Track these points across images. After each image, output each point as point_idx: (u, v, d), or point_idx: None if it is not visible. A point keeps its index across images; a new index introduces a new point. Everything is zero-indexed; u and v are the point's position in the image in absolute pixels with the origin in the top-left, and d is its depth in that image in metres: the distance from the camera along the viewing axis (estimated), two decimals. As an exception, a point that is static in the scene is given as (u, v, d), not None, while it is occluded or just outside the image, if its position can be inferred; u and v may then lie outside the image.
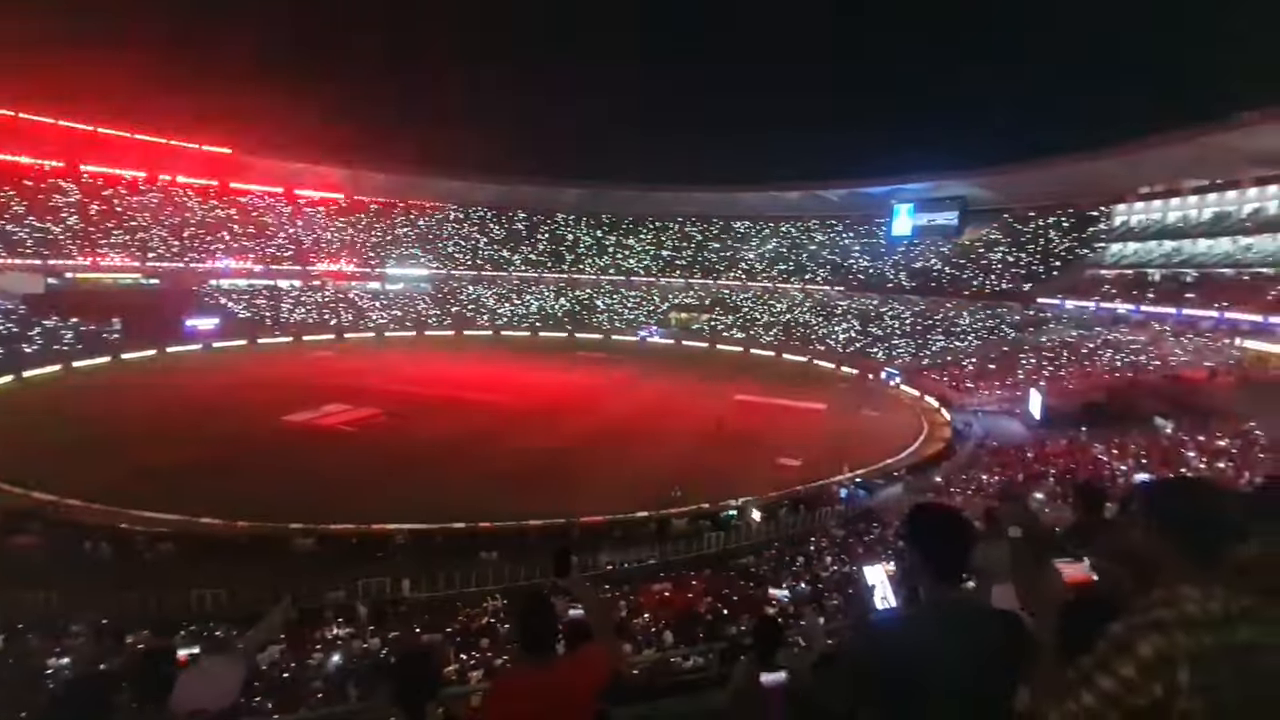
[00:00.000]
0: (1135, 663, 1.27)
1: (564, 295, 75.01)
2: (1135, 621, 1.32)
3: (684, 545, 19.97)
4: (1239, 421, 26.25)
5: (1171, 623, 1.27)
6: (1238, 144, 41.07)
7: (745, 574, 17.85)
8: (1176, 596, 1.31)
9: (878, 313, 61.28)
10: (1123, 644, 1.30)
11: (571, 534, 19.52)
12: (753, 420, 33.81)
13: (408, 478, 23.17)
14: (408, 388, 37.66)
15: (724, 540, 20.46)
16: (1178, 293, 42.85)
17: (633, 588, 16.88)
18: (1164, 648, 1.25)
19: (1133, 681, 1.28)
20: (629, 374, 46.45)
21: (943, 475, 26.74)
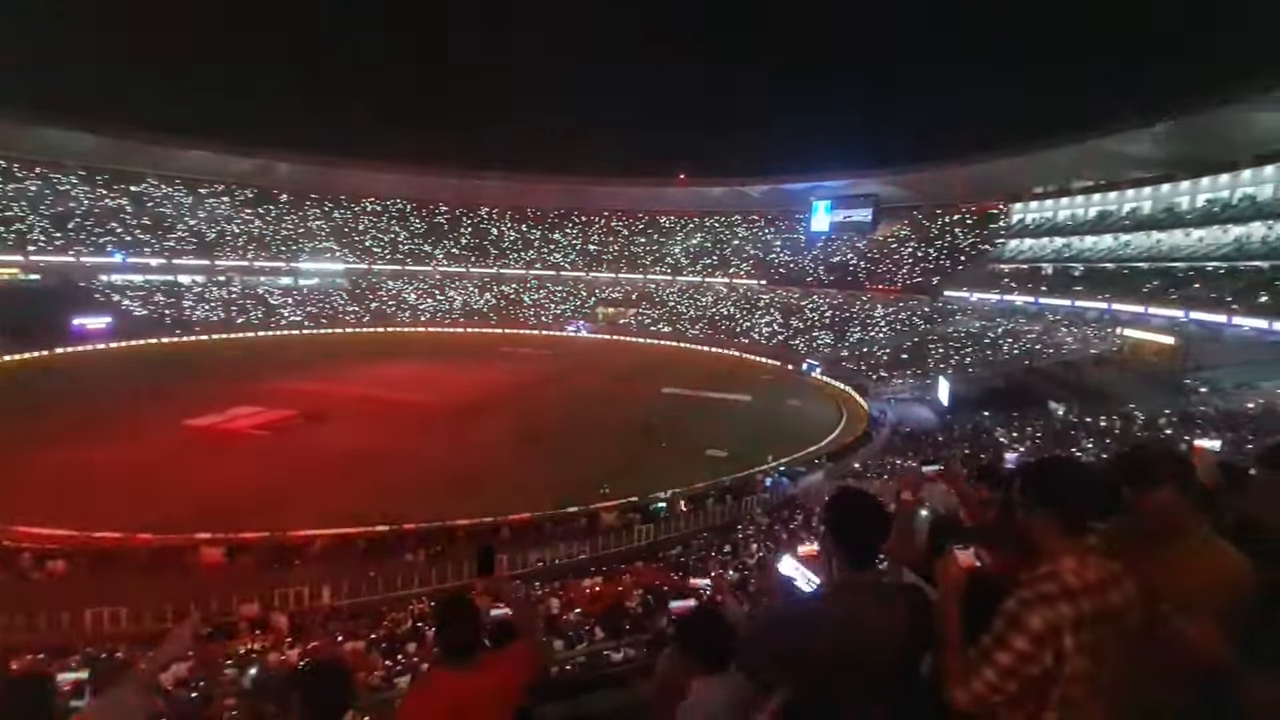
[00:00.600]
0: (1027, 636, 1.40)
1: (489, 291, 73.68)
2: (1024, 596, 1.45)
3: (614, 539, 20.09)
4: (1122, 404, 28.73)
5: (1055, 595, 1.40)
6: (1117, 148, 44.72)
7: (675, 565, 18.15)
8: (1057, 569, 1.45)
9: (798, 306, 63.28)
10: (1014, 619, 1.43)
11: (500, 533, 19.28)
12: (680, 412, 34.27)
13: (326, 481, 22.23)
14: (324, 387, 36.10)
15: (654, 532, 20.70)
16: (1068, 285, 46.30)
17: (563, 584, 16.87)
18: (1050, 618, 1.39)
19: (1026, 653, 1.41)
20: (556, 369, 46.15)
21: (861, 461, 28.01)
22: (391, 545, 18.21)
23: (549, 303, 72.94)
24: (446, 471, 23.38)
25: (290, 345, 53.46)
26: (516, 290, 74.49)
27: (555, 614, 13.55)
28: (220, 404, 31.42)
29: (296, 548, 17.82)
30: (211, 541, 17.41)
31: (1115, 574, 1.48)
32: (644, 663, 5.32)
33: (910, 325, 53.55)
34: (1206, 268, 38.71)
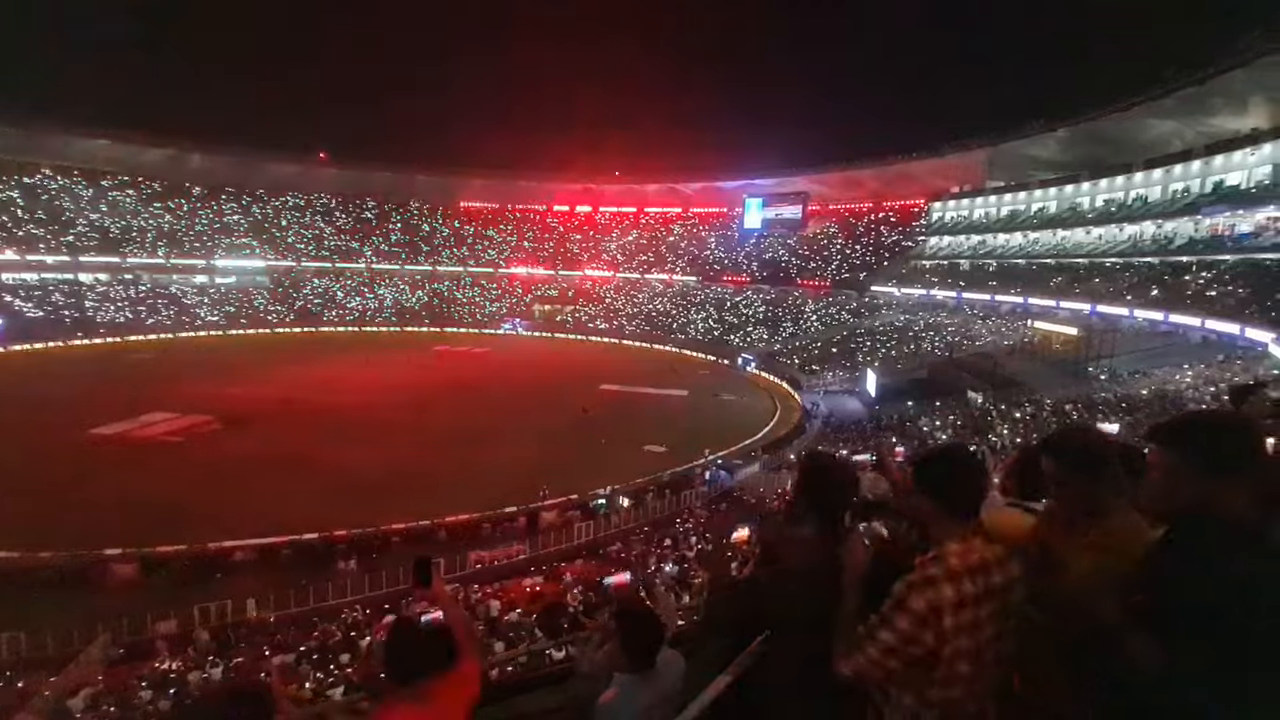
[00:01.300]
0: (909, 616, 1.50)
1: (421, 288, 71.83)
2: (911, 579, 1.55)
3: (554, 537, 20.03)
4: (1033, 392, 30.60)
5: (940, 577, 1.50)
6: (1027, 151, 47.48)
7: (616, 561, 18.26)
8: (943, 553, 1.55)
9: (733, 302, 64.42)
10: (899, 600, 1.53)
11: (437, 535, 18.93)
12: (618, 409, 34.38)
13: (248, 489, 21.21)
14: (244, 390, 34.42)
15: (593, 529, 20.75)
16: (984, 280, 48.87)
17: (504, 584, 16.72)
18: (933, 599, 1.48)
19: (907, 633, 1.51)
20: (492, 368, 45.49)
21: (795, 452, 28.82)
22: (321, 553, 17.61)
23: (484, 300, 71.73)
24: (378, 475, 22.74)
25: (207, 347, 50.70)
26: (450, 288, 72.90)
27: (495, 615, 13.44)
28: (130, 410, 29.51)
29: (217, 560, 16.98)
30: (123, 557, 16.39)
31: (999, 556, 1.58)
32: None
33: (839, 320, 55.36)
34: (1105, 263, 41.59)
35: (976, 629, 1.53)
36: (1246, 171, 35.83)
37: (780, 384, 43.65)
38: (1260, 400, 5.01)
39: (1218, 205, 35.68)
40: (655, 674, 2.45)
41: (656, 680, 2.44)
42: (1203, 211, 36.33)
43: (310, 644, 12.50)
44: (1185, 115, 37.21)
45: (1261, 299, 28.09)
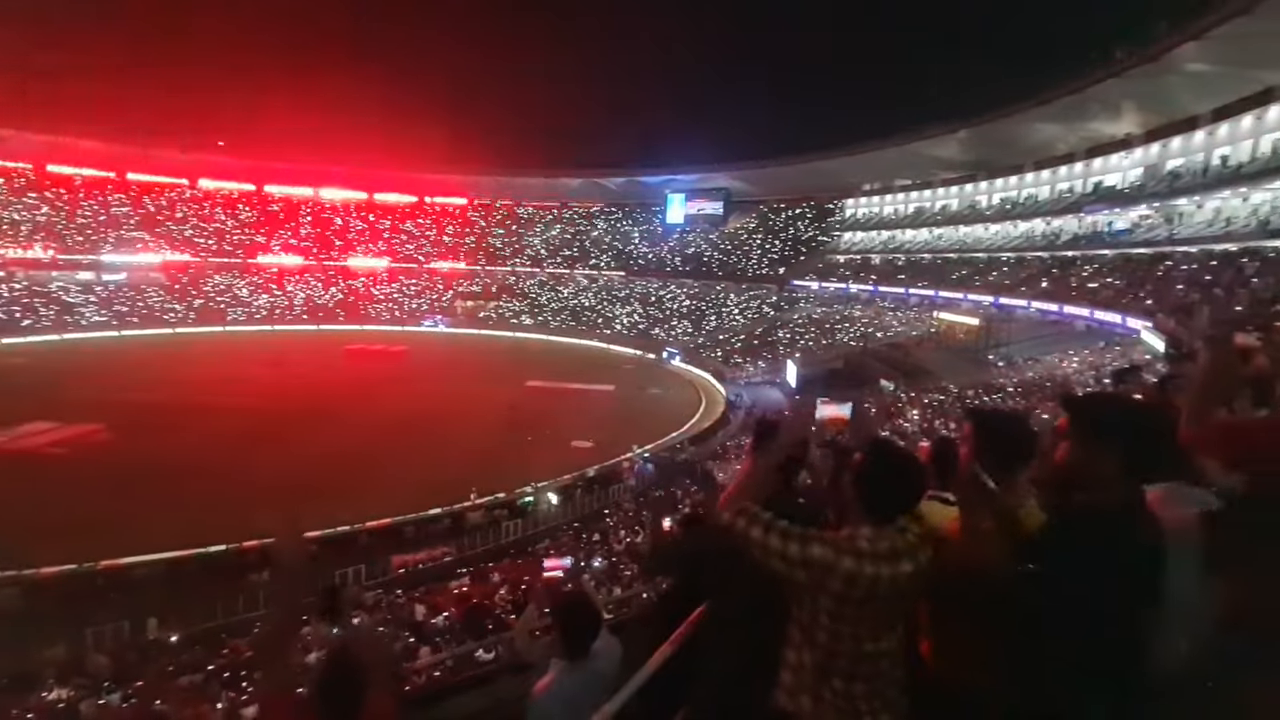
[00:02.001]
0: (809, 559, 1.63)
1: (335, 285, 68.75)
2: (826, 536, 1.70)
3: (481, 537, 19.72)
4: (939, 379, 32.47)
5: (845, 549, 1.64)
6: (931, 151, 50.11)
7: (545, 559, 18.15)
8: (856, 534, 1.69)
9: (657, 296, 65.02)
10: (808, 535, 1.67)
11: (357, 541, 18.25)
12: (545, 405, 34.11)
13: (146, 501, 19.68)
14: (139, 395, 32.00)
15: (522, 527, 20.56)
16: (893, 274, 51.33)
17: (429, 588, 16.35)
18: (829, 558, 1.62)
19: (788, 555, 1.65)
20: (414, 366, 44.16)
21: (720, 443, 29.48)
22: (230, 566, 16.62)
23: (403, 297, 69.42)
24: (292, 481, 21.59)
25: (95, 350, 46.71)
26: (366, 284, 70.11)
27: (420, 620, 13.14)
28: (6, 420, 26.83)
29: (113, 579, 15.78)
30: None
31: (910, 545, 1.68)
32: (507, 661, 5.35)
33: (760, 313, 56.86)
34: (1002, 258, 44.52)
35: (843, 599, 1.64)
36: (1122, 173, 39.19)
37: (705, 377, 44.46)
38: (1138, 381, 5.58)
39: (1097, 204, 38.84)
40: (592, 660, 2.49)
41: (593, 666, 2.48)
42: (1085, 210, 39.45)
43: (220, 662, 11.83)
44: (1068, 121, 40.23)
45: (1135, 289, 30.79)
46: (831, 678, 1.69)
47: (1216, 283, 25.84)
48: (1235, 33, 26.55)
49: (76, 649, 12.72)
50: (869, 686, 1.70)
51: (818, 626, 1.69)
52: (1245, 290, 23.54)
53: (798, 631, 1.75)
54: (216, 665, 11.51)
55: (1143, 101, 35.62)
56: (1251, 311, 20.04)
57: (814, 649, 1.71)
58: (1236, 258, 26.98)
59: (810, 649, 1.72)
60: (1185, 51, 29.67)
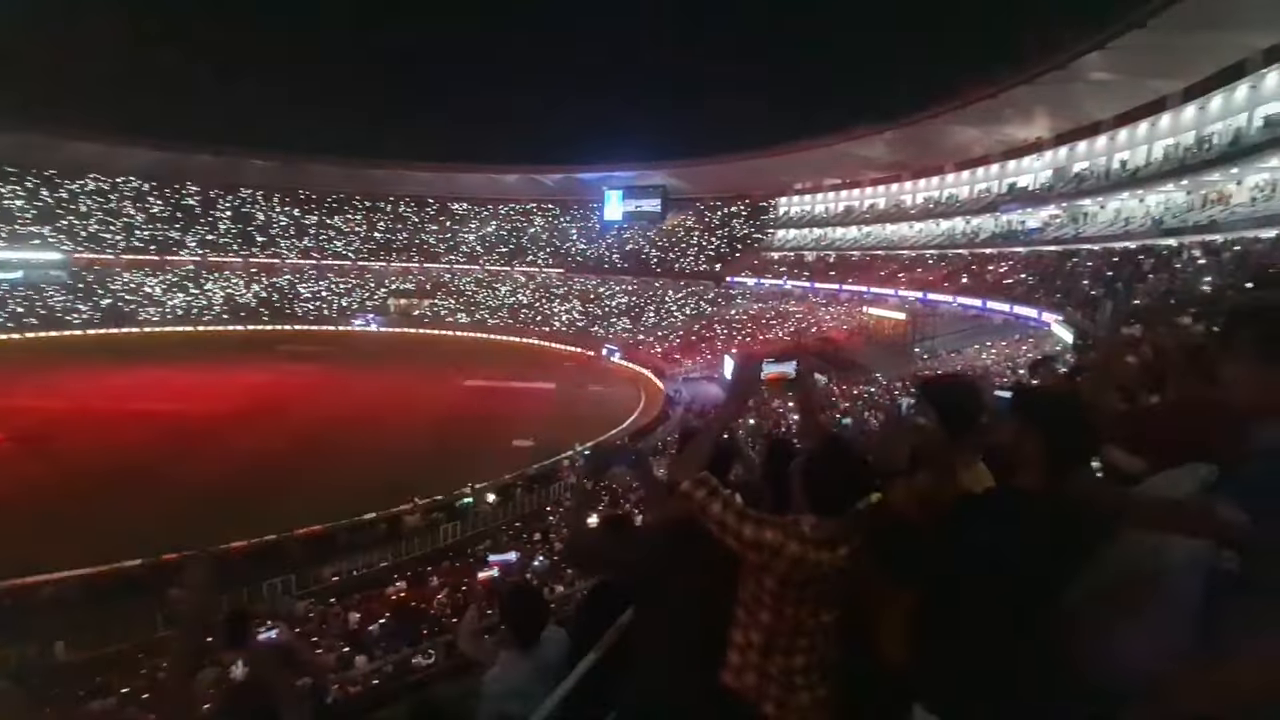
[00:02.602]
0: (760, 542, 1.72)
1: (258, 282, 65.59)
2: (777, 520, 1.78)
3: (419, 541, 19.27)
4: (869, 372, 33.68)
5: (792, 534, 1.74)
6: (858, 152, 51.80)
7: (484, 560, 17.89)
8: (801, 519, 1.79)
9: (596, 293, 64.91)
10: (759, 519, 1.76)
11: (287, 550, 17.51)
12: (483, 405, 33.58)
13: (53, 515, 18.34)
14: (42, 403, 29.71)
15: (460, 530, 20.20)
16: (824, 271, 52.88)
17: (365, 595, 15.88)
18: (779, 542, 1.72)
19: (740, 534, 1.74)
20: (346, 367, 42.64)
21: (660, 438, 29.69)
22: (149, 582, 15.62)
23: (332, 295, 66.85)
24: (217, 490, 20.56)
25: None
26: (292, 282, 67.16)
27: (355, 629, 12.78)
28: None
29: (12, 598, 14.62)
30: (-121, 609, 13.66)
31: (850, 530, 1.79)
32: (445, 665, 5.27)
33: (698, 309, 57.56)
34: (926, 255, 46.50)
35: (789, 579, 1.75)
36: (1033, 175, 41.57)
37: (644, 373, 44.70)
38: (1050, 371, 5.98)
39: (1012, 204, 41.07)
40: (538, 649, 2.53)
41: (539, 655, 2.52)
42: (1000, 209, 41.65)
43: (138, 684, 11.16)
44: (984, 124, 42.32)
45: (1046, 285, 32.73)
46: (774, 654, 1.79)
47: (1117, 278, 27.75)
48: (1133, 44, 28.54)
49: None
50: (807, 660, 1.80)
51: (761, 606, 1.79)
52: (1142, 285, 25.38)
53: (743, 612, 1.84)
54: (133, 688, 10.86)
55: (1052, 107, 37.84)
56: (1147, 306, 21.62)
57: (758, 628, 1.80)
58: (1135, 255, 29.05)
59: (754, 628, 1.81)
60: (1090, 60, 31.68)
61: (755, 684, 1.81)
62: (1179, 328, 8.90)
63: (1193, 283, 22.22)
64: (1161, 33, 26.80)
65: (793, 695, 1.79)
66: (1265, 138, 24.78)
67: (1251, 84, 26.88)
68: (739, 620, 1.85)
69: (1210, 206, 28.23)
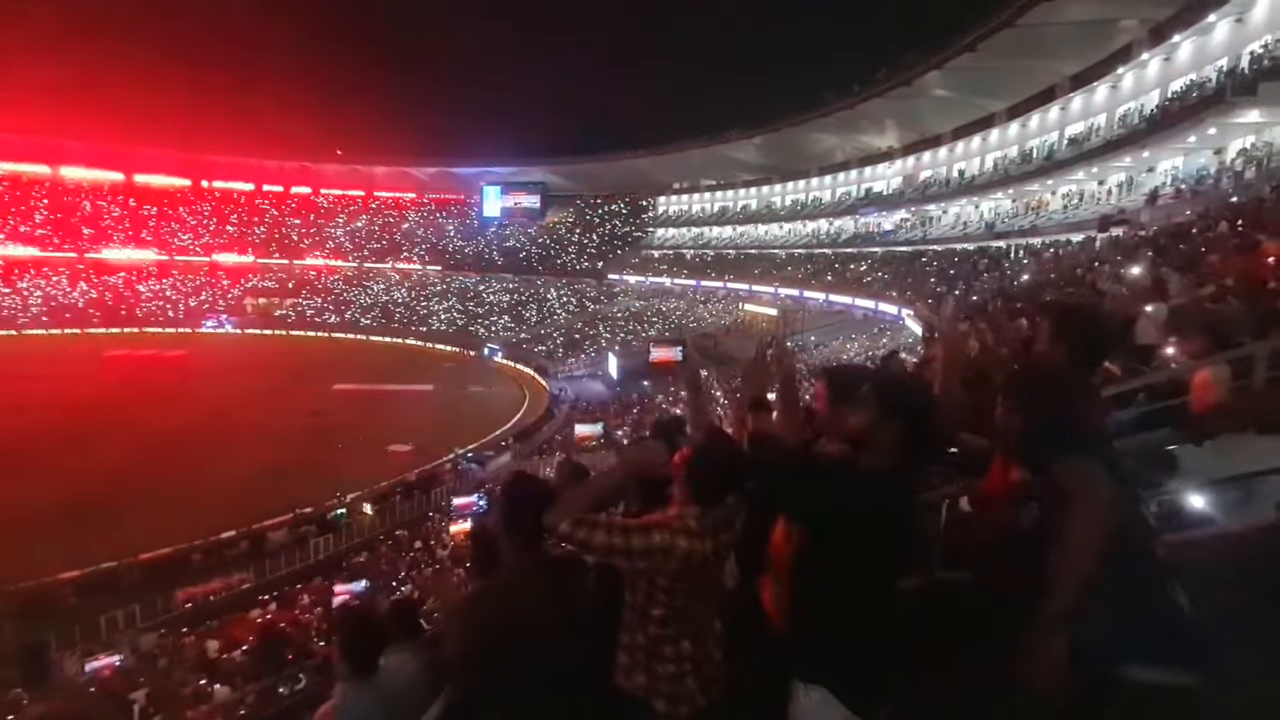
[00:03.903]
0: (650, 548, 1.78)
1: (85, 280, 58.11)
2: (661, 521, 1.85)
3: (286, 559, 17.98)
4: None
5: (679, 530, 1.81)
6: (732, 154, 53.95)
7: (361, 573, 17.03)
8: (685, 514, 1.86)
9: (476, 292, 63.20)
10: (643, 527, 1.82)
11: (128, 578, 15.75)
12: (356, 410, 31.75)
13: None
14: None
15: (333, 543, 19.06)
16: (702, 268, 54.64)
17: (224, 621, 14.63)
18: (666, 541, 1.79)
19: (639, 550, 1.79)
20: (195, 374, 38.79)
21: (546, 438, 29.52)
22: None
23: (177, 294, 60.46)
24: (41, 515, 17.94)
25: None
26: (127, 279, 59.99)
27: (214, 658, 11.78)
28: None
29: None
30: None
31: (730, 515, 1.91)
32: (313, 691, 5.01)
33: (581, 307, 57.60)
34: (795, 253, 49.27)
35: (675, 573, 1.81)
36: (886, 181, 45.17)
37: (528, 372, 44.15)
38: (898, 363, 6.60)
39: (869, 207, 44.44)
40: (379, 679, 2.36)
41: (380, 683, 2.35)
42: (859, 212, 44.94)
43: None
44: (843, 132, 45.47)
45: (899, 281, 35.70)
46: (663, 646, 1.84)
47: (958, 276, 30.77)
48: (966, 65, 31.77)
49: None
50: (694, 645, 1.88)
51: (654, 604, 1.83)
52: (979, 282, 28.33)
53: (631, 613, 1.88)
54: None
55: (901, 119, 41.32)
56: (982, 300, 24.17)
57: (649, 624, 1.85)
58: (971, 255, 32.34)
59: (645, 625, 1.85)
60: (930, 79, 34.87)
61: (646, 683, 1.87)
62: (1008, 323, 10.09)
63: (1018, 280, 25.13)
64: (989, 56, 30.07)
65: (681, 685, 1.86)
66: (1072, 154, 28.46)
67: (1061, 106, 30.74)
68: (627, 623, 1.89)
69: (1030, 213, 32.00)
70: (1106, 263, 21.18)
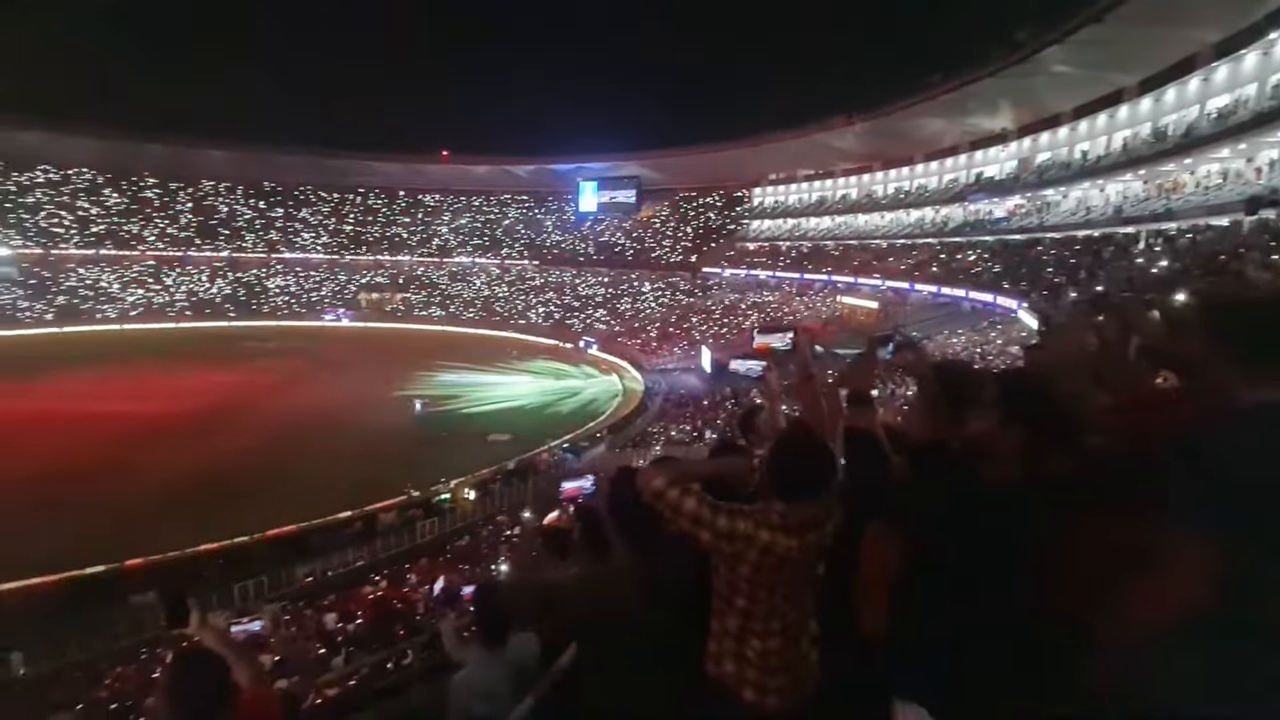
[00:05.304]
0: (734, 532, 1.76)
1: (222, 277, 64.04)
2: (747, 510, 1.81)
3: (395, 539, 19.09)
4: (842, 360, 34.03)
5: (762, 522, 1.77)
6: (831, 142, 52.16)
7: (464, 556, 17.83)
8: (769, 508, 1.80)
9: (572, 285, 64.60)
10: (734, 510, 1.79)
11: (257, 552, 17.22)
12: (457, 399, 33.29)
13: (6, 522, 17.67)
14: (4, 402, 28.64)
15: (439, 526, 20.05)
16: (799, 261, 53.26)
17: (340, 595, 15.71)
18: (749, 529, 1.75)
19: (723, 530, 1.77)
20: (317, 362, 41.88)
21: (639, 430, 29.76)
22: (111, 588, 15.23)
23: (300, 290, 65.53)
24: (184, 492, 20.06)
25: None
26: (258, 276, 65.64)
27: (331, 629, 12.66)
28: None
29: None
30: None
31: (819, 517, 1.81)
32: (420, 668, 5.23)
33: (674, 300, 57.61)
34: (896, 244, 47.09)
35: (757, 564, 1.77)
36: (999, 165, 42.28)
37: (622, 364, 44.68)
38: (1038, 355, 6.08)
39: (979, 193, 41.75)
40: (506, 652, 2.56)
41: (509, 658, 2.55)
42: (969, 199, 42.32)
43: (100, 694, 10.91)
44: (952, 115, 42.89)
45: (1013, 272, 33.35)
46: (750, 639, 1.82)
47: (1079, 265, 28.39)
48: (1091, 38, 29.11)
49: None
50: (782, 643, 1.83)
51: (737, 593, 1.81)
52: (1103, 272, 26.02)
53: (718, 600, 1.86)
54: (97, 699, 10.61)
55: (1016, 99, 38.49)
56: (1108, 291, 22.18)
57: (733, 615, 1.83)
58: (1095, 243, 29.73)
59: (730, 615, 1.84)
60: (1051, 54, 32.23)
61: (734, 671, 1.84)
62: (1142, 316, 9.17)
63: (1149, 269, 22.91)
64: (1117, 27, 27.40)
65: (771, 678, 1.82)
66: (1216, 129, 25.52)
67: (1203, 77, 27.63)
68: (716, 610, 1.88)
69: (1164, 196, 29.01)
70: (1255, 248, 18.93)
